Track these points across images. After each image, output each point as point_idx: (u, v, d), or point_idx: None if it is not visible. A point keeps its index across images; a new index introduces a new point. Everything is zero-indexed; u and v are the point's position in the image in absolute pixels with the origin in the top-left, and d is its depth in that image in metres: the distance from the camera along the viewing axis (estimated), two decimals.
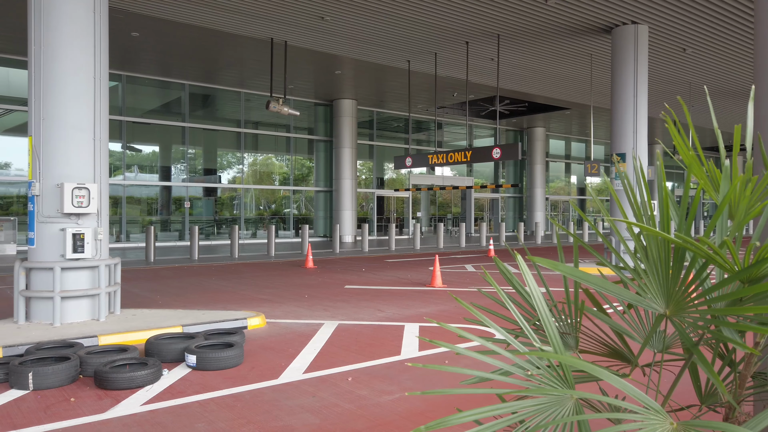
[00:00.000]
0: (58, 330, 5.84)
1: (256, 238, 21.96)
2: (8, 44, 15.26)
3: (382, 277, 11.52)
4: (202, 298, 8.61)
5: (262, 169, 23.34)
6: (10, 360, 4.69)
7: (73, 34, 6.33)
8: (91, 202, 6.28)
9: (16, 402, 4.10)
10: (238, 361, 5.03)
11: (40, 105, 6.28)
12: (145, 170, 20.52)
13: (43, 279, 6.18)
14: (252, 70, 18.02)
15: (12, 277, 10.77)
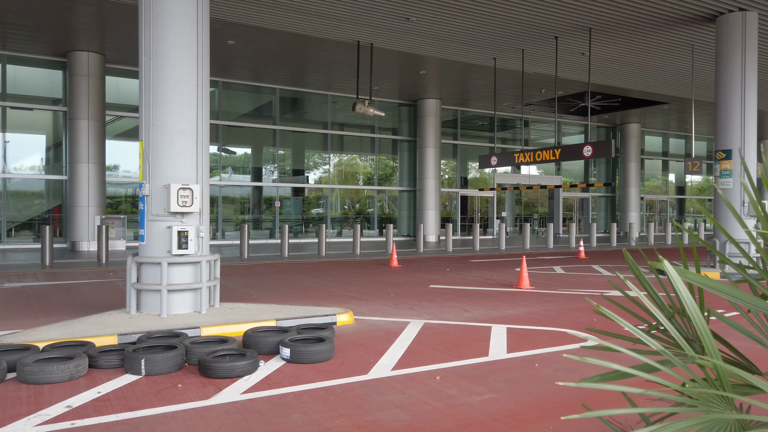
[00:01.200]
0: (164, 320, 6.29)
1: (341, 236, 22.47)
2: (119, 56, 16.57)
3: (466, 277, 11.44)
4: (292, 294, 8.94)
5: (347, 170, 23.85)
6: (125, 347, 5.11)
7: (179, 46, 6.78)
8: (194, 201, 6.71)
9: (130, 386, 4.47)
10: (329, 355, 5.19)
11: (150, 111, 6.79)
12: (239, 171, 21.56)
13: (151, 273, 6.67)
14: (338, 73, 18.46)
15: (123, 270, 11.70)
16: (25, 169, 17.49)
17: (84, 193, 16.13)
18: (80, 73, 16.04)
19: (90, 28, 14.26)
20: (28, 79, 17.12)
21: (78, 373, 4.60)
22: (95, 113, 16.26)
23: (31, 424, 3.65)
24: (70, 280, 10.38)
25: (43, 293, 8.84)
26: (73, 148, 16.17)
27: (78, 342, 5.29)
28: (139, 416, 3.81)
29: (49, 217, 17.68)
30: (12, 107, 16.66)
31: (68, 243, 16.44)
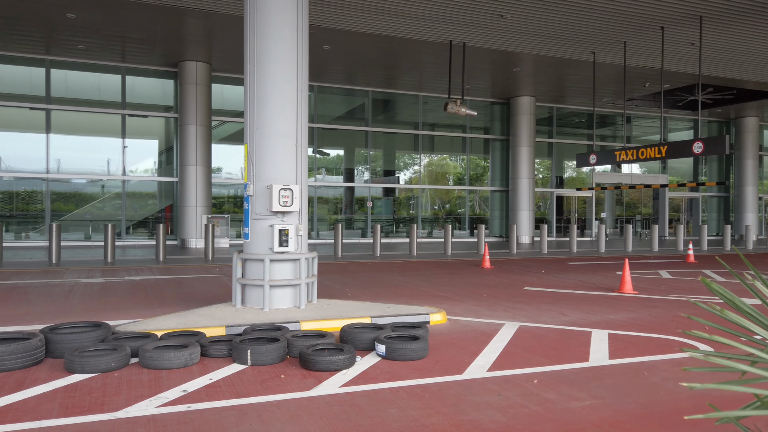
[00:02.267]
0: (267, 314, 6.62)
1: (431, 237, 22.48)
2: (224, 64, 17.59)
3: (563, 279, 11.07)
4: (385, 292, 9.08)
5: (437, 170, 23.83)
6: (232, 338, 5.44)
7: (281, 52, 7.10)
8: (294, 201, 7.00)
9: (238, 374, 4.74)
10: (424, 354, 5.23)
11: (254, 116, 7.16)
12: (332, 172, 22.18)
13: (255, 269, 7.04)
14: (430, 73, 18.49)
15: (228, 266, 12.41)
16: (140, 172, 19.00)
17: (192, 194, 17.28)
18: (189, 82, 17.19)
19: (198, 39, 15.25)
20: (143, 89, 18.59)
21: (191, 360, 4.95)
22: (203, 119, 17.36)
23: (152, 406, 3.98)
24: (181, 274, 11.16)
25: (158, 286, 9.57)
26: (183, 152, 17.37)
27: (191, 332, 5.68)
28: (246, 403, 4.04)
29: (162, 216, 19.11)
30: (130, 115, 18.16)
31: (179, 240, 17.68)
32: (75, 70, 17.57)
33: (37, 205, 17.73)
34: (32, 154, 17.40)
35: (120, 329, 5.79)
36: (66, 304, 7.78)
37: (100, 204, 18.68)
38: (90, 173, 18.34)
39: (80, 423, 3.65)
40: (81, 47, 15.90)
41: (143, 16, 13.23)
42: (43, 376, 4.61)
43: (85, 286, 9.47)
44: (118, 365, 4.79)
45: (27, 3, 12.49)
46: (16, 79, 17.21)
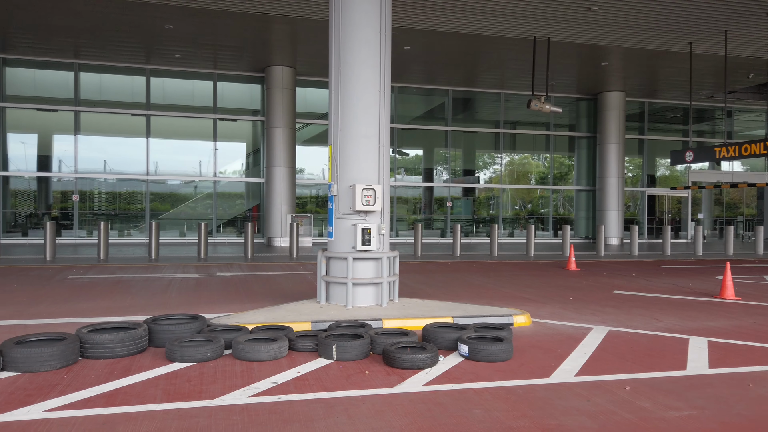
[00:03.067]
0: (350, 311, 6.75)
1: (513, 237, 22.03)
2: (307, 68, 18.11)
3: (656, 283, 10.50)
4: (466, 293, 9.00)
5: (518, 169, 23.31)
6: (318, 333, 5.60)
7: (364, 55, 7.23)
8: (376, 201, 7.10)
9: (324, 368, 4.88)
10: (508, 356, 5.14)
11: (338, 118, 7.33)
12: (410, 172, 22.26)
13: (339, 267, 7.20)
14: (512, 70, 18.13)
15: (312, 264, 12.77)
16: (229, 173, 19.94)
17: (278, 194, 17.93)
18: (275, 86, 17.85)
19: (284, 44, 15.80)
20: (232, 94, 19.50)
21: (280, 353, 5.14)
22: (287, 121, 17.97)
23: (245, 395, 4.18)
24: (268, 271, 11.60)
25: (247, 282, 10.01)
26: (270, 154, 18.05)
27: (279, 326, 5.91)
28: (333, 397, 4.15)
29: (249, 216, 19.96)
30: (220, 119, 19.11)
31: (265, 238, 18.40)
32: (171, 77, 18.72)
33: (137, 204, 19.04)
34: (133, 157, 18.71)
35: (214, 322, 6.11)
36: (165, 297, 8.31)
37: (192, 204, 19.79)
38: (184, 175, 19.46)
39: (181, 408, 3.89)
40: (177, 56, 16.91)
41: (234, 24, 13.88)
42: (147, 364, 4.95)
43: (181, 281, 10.07)
44: (213, 356, 5.06)
45: (130, 16, 13.44)
46: (120, 87, 18.57)
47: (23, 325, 6.38)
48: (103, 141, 18.68)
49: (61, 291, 8.72)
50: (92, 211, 18.66)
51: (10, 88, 17.56)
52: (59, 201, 18.67)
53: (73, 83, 17.83)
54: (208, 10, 12.73)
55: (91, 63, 17.74)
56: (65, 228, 18.05)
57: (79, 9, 12.94)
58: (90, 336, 5.06)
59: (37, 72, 17.95)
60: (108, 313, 7.07)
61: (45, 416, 3.72)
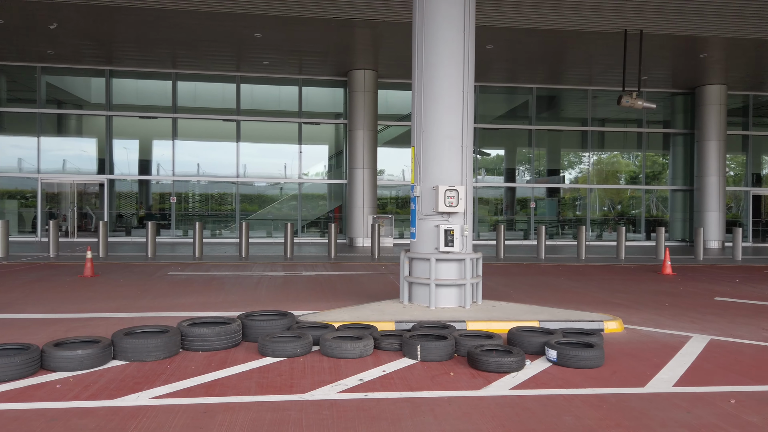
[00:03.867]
0: (433, 312, 6.76)
1: (601, 239, 21.15)
2: (388, 70, 18.30)
3: (763, 290, 9.72)
4: (552, 297, 8.75)
5: (607, 168, 22.33)
6: (402, 333, 5.65)
7: (447, 55, 7.21)
8: (459, 202, 7.06)
9: (409, 368, 4.91)
10: (599, 362, 4.95)
11: (421, 119, 7.36)
12: (492, 173, 21.91)
13: (421, 268, 7.22)
14: (601, 66, 17.43)
15: (393, 264, 12.88)
16: (312, 175, 20.50)
17: (360, 195, 18.23)
18: (357, 89, 18.17)
19: (366, 48, 16.06)
20: (316, 98, 20.05)
21: (366, 352, 5.24)
22: (369, 124, 18.24)
23: (333, 391, 4.29)
24: (350, 271, 11.83)
25: (331, 281, 10.26)
26: (352, 156, 18.40)
27: (363, 325, 6.02)
28: (418, 396, 4.17)
29: (331, 216, 20.43)
30: (305, 123, 19.69)
31: (347, 239, 18.77)
32: (259, 84, 19.53)
33: (227, 205, 20.00)
34: (223, 161, 19.68)
35: (302, 319, 6.31)
36: (255, 294, 8.68)
37: (278, 205, 20.53)
38: (270, 177, 20.23)
39: (274, 401, 4.06)
40: (265, 63, 17.63)
41: (318, 30, 14.29)
42: (241, 357, 5.20)
43: (269, 278, 10.48)
44: (302, 352, 5.24)
45: (222, 27, 14.17)
46: (212, 95, 19.59)
47: (130, 317, 6.89)
48: (197, 145, 19.78)
49: (162, 286, 9.33)
50: (187, 211, 19.81)
51: (116, 97, 18.99)
52: (158, 202, 19.97)
53: (171, 92, 19.01)
54: (294, 17, 13.17)
55: (187, 72, 18.85)
56: (163, 227, 19.28)
57: (178, 22, 13.79)
58: (190, 329, 5.39)
59: (138, 82, 19.30)
60: (204, 308, 7.49)
61: (152, 403, 4.00)
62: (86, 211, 19.67)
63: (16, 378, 4.44)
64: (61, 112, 19.20)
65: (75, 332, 6.03)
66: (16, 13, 13.22)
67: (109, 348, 4.95)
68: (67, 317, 6.81)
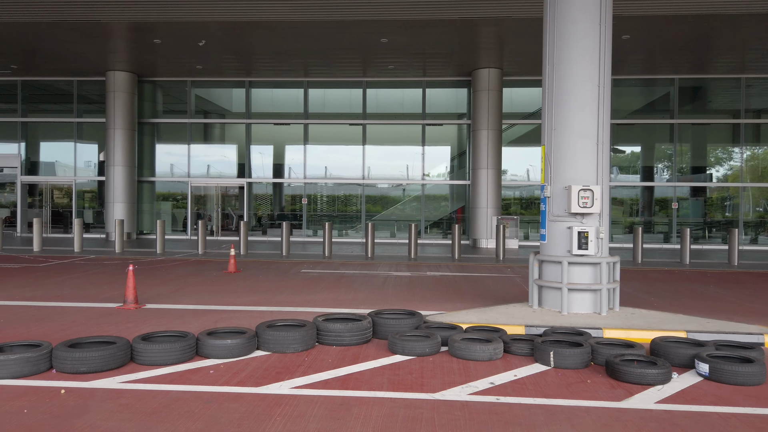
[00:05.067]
0: (565, 318, 6.48)
1: (756, 244, 19.00)
2: (514, 68, 17.86)
3: None
4: (698, 305, 8.01)
5: (763, 164, 19.99)
6: (532, 338, 5.48)
7: (582, 48, 6.89)
8: (594, 203, 6.71)
9: (541, 374, 4.76)
10: (760, 379, 4.46)
11: (552, 116, 7.09)
12: (625, 171, 20.51)
13: (552, 271, 6.96)
14: (755, 51, 15.67)
15: (519, 267, 12.56)
16: (434, 176, 20.56)
17: (483, 196, 17.98)
18: (482, 89, 17.94)
19: (491, 46, 15.81)
20: (439, 99, 20.08)
21: (495, 355, 5.15)
22: (493, 123, 17.93)
23: (464, 393, 4.27)
24: (475, 272, 11.70)
25: (455, 282, 10.23)
26: (475, 156, 18.20)
27: (492, 327, 5.92)
28: (553, 404, 4.03)
29: (454, 217, 20.36)
30: (428, 124, 19.82)
31: (470, 240, 18.60)
32: (384, 88, 19.98)
33: (352, 206, 20.69)
34: (348, 163, 20.39)
35: (430, 319, 6.36)
36: (382, 293, 8.90)
37: (401, 206, 20.85)
38: (393, 178, 20.60)
39: (406, 398, 4.13)
40: (390, 67, 18.01)
41: (442, 31, 14.32)
42: (372, 353, 5.36)
43: (395, 278, 10.68)
44: (431, 351, 5.28)
45: (350, 35, 14.69)
46: (340, 100, 20.39)
47: (270, 311, 7.37)
48: (324, 149, 20.67)
49: (296, 283, 9.88)
50: (316, 212, 20.79)
51: (253, 106, 20.42)
52: (289, 203, 21.17)
53: (303, 99, 20.07)
54: (419, 20, 13.32)
55: (317, 80, 19.80)
56: (295, 227, 20.40)
57: (310, 33, 14.54)
58: (325, 324, 5.65)
59: (273, 91, 20.60)
60: (335, 305, 7.81)
61: (293, 392, 4.25)
62: (228, 211, 21.36)
63: (176, 362, 4.93)
64: (207, 122, 21.03)
65: (223, 323, 6.57)
66: (171, 33, 14.70)
67: (254, 339, 5.33)
68: (215, 309, 7.45)
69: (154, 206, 20.60)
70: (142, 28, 14.20)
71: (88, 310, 7.24)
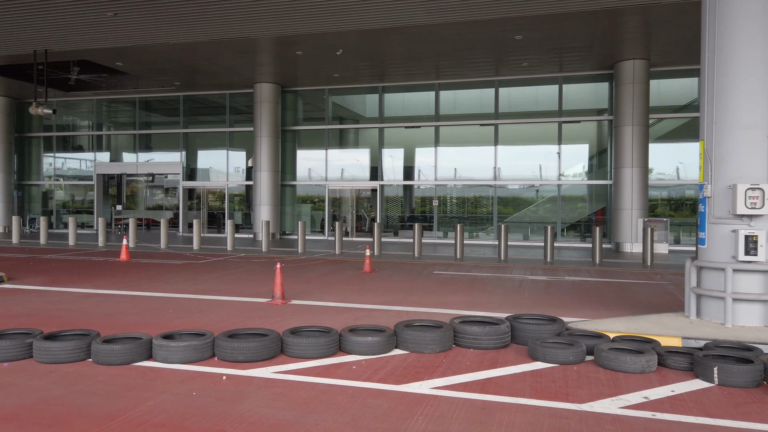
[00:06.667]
0: (729, 331, 5.84)
1: None
2: (662, 58, 16.50)
3: None
4: None
5: None
6: (691, 351, 5.01)
7: (749, 31, 6.17)
8: (765, 203, 5.98)
9: (703, 391, 4.33)
10: None
11: (712, 109, 6.43)
12: None
13: (713, 278, 6.31)
14: None
15: (670, 273, 11.57)
16: (569, 176, 19.61)
17: (627, 197, 16.82)
18: (625, 82, 16.80)
19: (636, 36, 14.75)
20: (576, 95, 19.13)
21: (648, 367, 4.78)
22: (639, 118, 16.72)
23: (614, 406, 4.01)
24: (619, 278, 10.97)
25: (598, 288, 9.66)
26: (618, 154, 17.08)
27: (643, 338, 5.51)
28: (719, 425, 3.64)
29: (593, 219, 19.26)
30: (564, 122, 18.97)
31: (612, 243, 17.49)
32: (516, 86, 19.47)
33: (482, 208, 20.38)
34: (478, 164, 20.12)
35: (572, 326, 6.06)
36: (517, 297, 8.66)
37: (534, 208, 20.16)
38: (525, 179, 19.98)
39: (551, 407, 3.97)
40: (524, 64, 17.51)
41: (582, 24, 13.63)
42: (511, 359, 5.22)
43: (531, 282, 10.35)
44: (575, 360, 5.03)
45: (484, 34, 14.50)
46: (471, 101, 20.21)
47: (405, 311, 7.49)
48: (454, 151, 20.60)
49: (429, 284, 9.95)
50: (445, 214, 20.79)
51: (386, 110, 20.93)
52: (419, 205, 21.39)
53: (434, 101, 20.20)
54: (557, 14, 12.80)
55: (448, 81, 19.82)
56: (425, 229, 20.57)
57: (442, 34, 14.59)
58: (461, 327, 5.61)
59: (405, 95, 20.96)
60: (470, 307, 7.74)
61: (433, 393, 4.27)
62: (361, 213, 22.11)
63: (321, 356, 5.18)
64: (342, 127, 21.95)
65: (362, 321, 6.80)
66: (313, 45, 15.55)
67: (393, 338, 5.45)
68: (353, 307, 7.73)
69: (294, 208, 21.92)
70: (286, 41, 15.17)
71: (241, 303, 7.88)
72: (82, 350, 5.02)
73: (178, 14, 12.81)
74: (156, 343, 5.04)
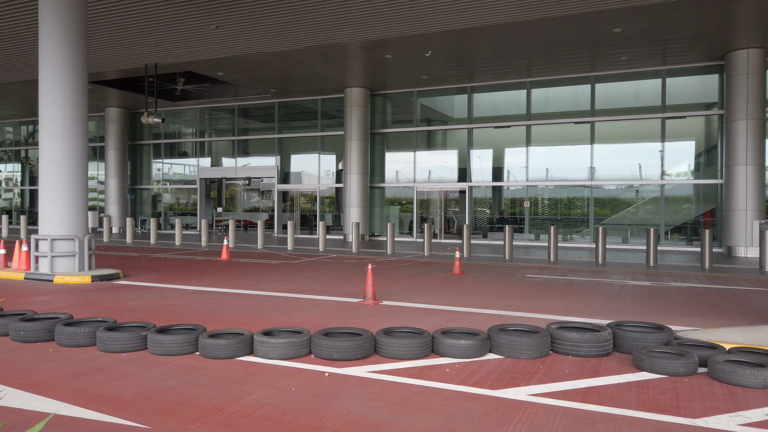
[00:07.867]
0: None
1: None
2: None
3: None
4: None
5: None
6: None
7: None
8: None
9: None
10: None
11: None
12: None
13: None
14: None
15: None
16: (673, 176, 18.37)
17: (741, 197, 15.52)
18: (739, 73, 15.52)
19: (750, 23, 13.58)
20: (680, 89, 17.90)
21: None
22: (754, 112, 15.38)
23: (733, 423, 3.69)
24: (732, 285, 10.13)
25: (708, 295, 8.97)
26: (730, 151, 15.82)
27: (763, 350, 5.03)
28: None
29: (701, 221, 17.93)
30: (668, 118, 17.81)
31: (723, 248, 16.21)
32: (614, 81, 18.53)
33: (576, 210, 19.55)
34: (573, 164, 19.32)
35: (681, 335, 5.66)
36: (618, 303, 8.21)
37: (633, 209, 19.07)
38: (623, 179, 18.95)
39: (660, 421, 3.72)
40: (623, 58, 16.63)
41: (688, 12, 12.74)
42: (613, 368, 4.95)
43: (632, 287, 9.79)
44: (686, 371, 4.68)
45: (579, 28, 13.93)
46: (564, 98, 19.47)
47: (497, 314, 7.33)
48: (545, 150, 19.92)
49: (521, 287, 9.68)
50: (537, 215, 20.16)
51: (475, 110, 20.65)
52: (509, 207, 20.89)
53: (525, 100, 19.67)
54: (660, 3, 12.05)
55: (540, 79, 19.23)
56: (516, 231, 20.06)
57: (534, 31, 14.17)
58: (559, 333, 5.40)
59: (494, 95, 20.57)
60: (567, 313, 7.44)
61: (530, 399, 4.13)
62: (449, 215, 21.94)
63: (414, 357, 5.17)
64: (430, 129, 21.91)
65: (454, 323, 6.73)
66: (401, 48, 15.65)
67: (487, 341, 5.34)
68: (444, 309, 7.67)
69: (383, 210, 22.15)
70: (375, 45, 15.38)
71: (334, 303, 8.05)
72: (191, 344, 5.34)
73: (274, 24, 13.35)
74: (257, 339, 5.25)
